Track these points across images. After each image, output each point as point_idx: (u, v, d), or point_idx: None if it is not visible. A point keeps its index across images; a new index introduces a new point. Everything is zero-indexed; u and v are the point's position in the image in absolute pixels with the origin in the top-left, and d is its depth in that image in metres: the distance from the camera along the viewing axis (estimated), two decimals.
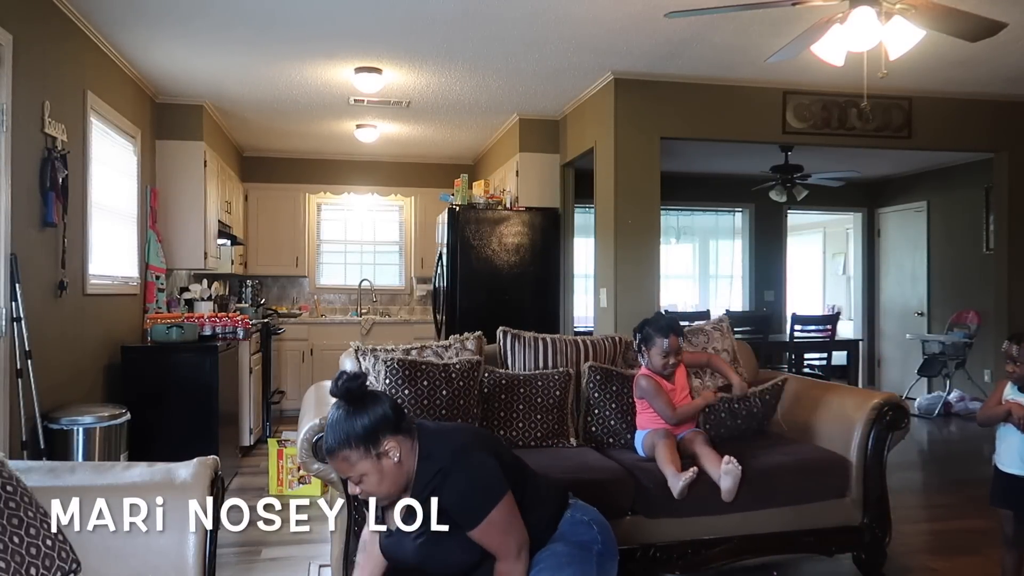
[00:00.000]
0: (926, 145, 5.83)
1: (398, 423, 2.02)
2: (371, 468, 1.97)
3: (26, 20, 3.58)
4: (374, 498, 2.03)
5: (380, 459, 1.98)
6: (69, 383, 4.07)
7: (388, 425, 1.99)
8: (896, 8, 3.09)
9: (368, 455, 1.97)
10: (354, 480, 2.00)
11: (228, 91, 5.72)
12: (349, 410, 1.99)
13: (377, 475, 1.98)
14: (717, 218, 9.96)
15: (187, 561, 1.87)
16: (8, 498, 1.69)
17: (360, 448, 1.96)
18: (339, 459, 1.99)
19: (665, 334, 3.21)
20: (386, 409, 2.01)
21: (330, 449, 2.00)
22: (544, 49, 4.68)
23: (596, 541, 2.21)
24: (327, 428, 2.01)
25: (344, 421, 1.98)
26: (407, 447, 2.02)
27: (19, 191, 3.47)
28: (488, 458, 2.05)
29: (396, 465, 1.99)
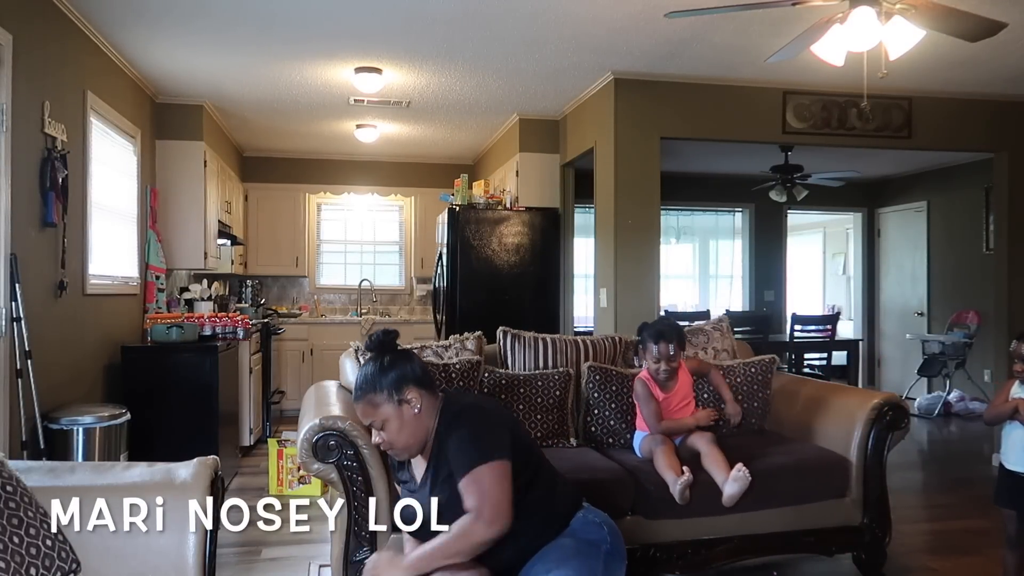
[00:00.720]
0: (926, 145, 5.82)
1: (423, 379, 2.19)
2: (393, 414, 2.12)
3: (26, 20, 3.58)
4: (393, 450, 2.17)
5: (402, 406, 2.13)
6: (69, 383, 4.07)
7: (413, 377, 2.16)
8: (896, 8, 3.09)
9: (391, 400, 2.12)
10: (376, 426, 2.15)
11: (228, 91, 5.72)
12: (380, 360, 2.18)
13: (398, 421, 2.12)
14: (717, 218, 9.96)
15: (187, 561, 1.87)
16: (8, 498, 1.69)
17: (384, 392, 2.13)
18: (364, 402, 2.15)
19: (656, 340, 3.21)
20: (414, 365, 2.20)
21: (357, 393, 2.17)
22: (544, 49, 4.68)
23: (605, 541, 2.22)
24: (358, 376, 2.20)
25: (373, 368, 2.18)
26: (429, 403, 2.16)
27: (19, 191, 3.47)
28: (499, 423, 2.16)
29: (416, 416, 2.13)
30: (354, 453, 2.68)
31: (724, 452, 3.06)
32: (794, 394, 3.68)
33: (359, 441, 2.70)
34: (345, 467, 2.68)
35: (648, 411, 3.20)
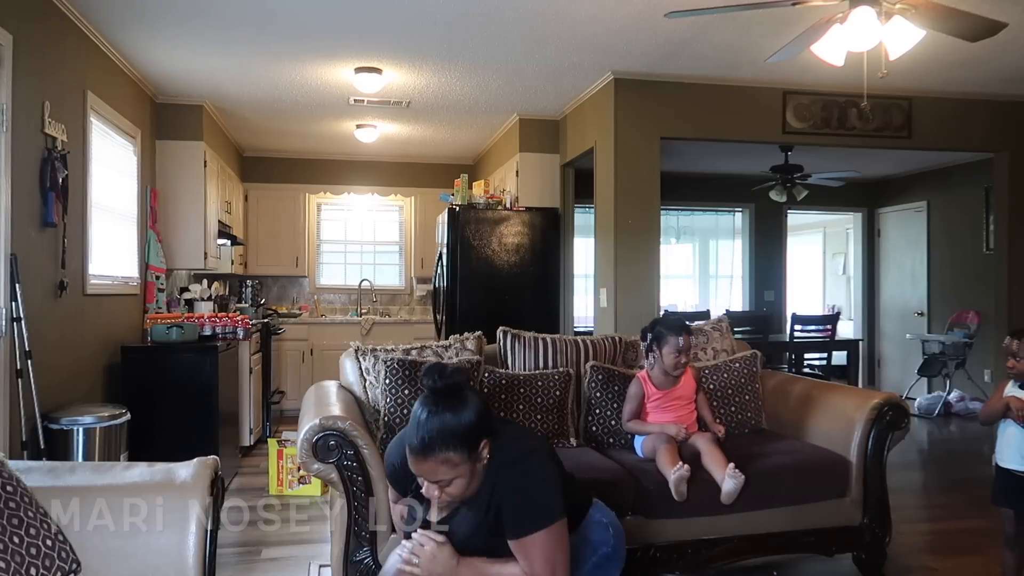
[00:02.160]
0: (926, 145, 5.83)
1: (491, 422, 1.92)
2: (468, 471, 1.85)
3: (26, 20, 3.59)
4: (452, 503, 1.92)
5: (476, 463, 1.88)
6: (69, 383, 4.07)
7: (487, 426, 1.89)
8: (896, 8, 3.09)
9: (469, 458, 1.85)
10: (443, 484, 1.86)
11: (228, 91, 5.72)
12: (452, 408, 1.85)
13: (468, 478, 1.87)
14: (717, 218, 9.96)
15: (187, 561, 1.87)
16: (8, 498, 1.69)
17: (463, 451, 1.83)
18: (437, 460, 1.82)
19: (679, 332, 3.22)
20: (484, 408, 1.90)
21: (427, 446, 1.81)
22: (544, 49, 4.68)
23: (606, 544, 2.20)
24: (419, 425, 1.84)
25: (447, 419, 1.82)
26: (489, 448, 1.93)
27: (19, 191, 3.47)
28: (552, 470, 1.98)
29: (483, 468, 1.90)
30: (354, 453, 2.68)
31: (724, 452, 3.06)
32: (794, 394, 3.68)
33: (359, 441, 2.70)
34: (345, 467, 2.68)
35: (629, 407, 3.29)
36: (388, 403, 3.21)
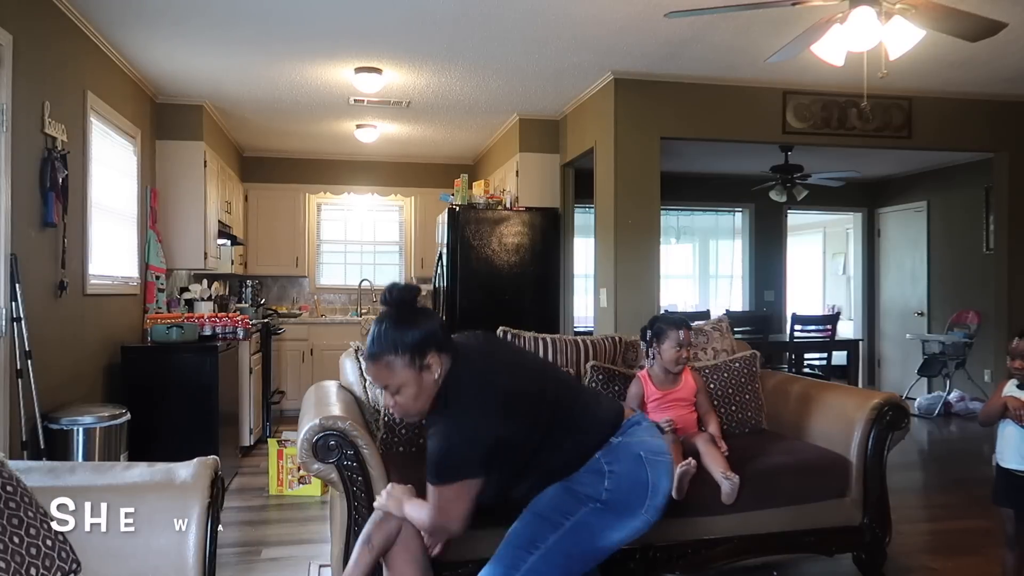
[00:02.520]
0: (926, 145, 5.83)
1: (444, 342, 2.02)
2: (411, 379, 1.98)
3: (26, 20, 3.59)
4: (407, 416, 2.07)
5: (422, 372, 1.98)
6: (69, 383, 4.07)
7: (435, 341, 2.00)
8: (896, 8, 3.09)
9: (412, 366, 1.97)
10: (391, 391, 2.01)
11: (228, 91, 5.72)
12: (400, 319, 2.00)
13: (415, 388, 1.99)
14: (717, 218, 9.97)
15: (187, 561, 1.87)
16: (8, 498, 1.69)
17: (406, 356, 1.96)
18: (381, 365, 1.99)
19: (678, 327, 3.22)
20: (435, 326, 2.03)
21: (373, 354, 1.99)
22: (544, 49, 4.68)
23: (596, 497, 2.04)
24: (372, 331, 2.01)
25: (393, 329, 1.98)
26: (446, 366, 2.02)
27: (19, 191, 3.47)
28: (485, 434, 1.95)
29: (434, 383, 2.00)
30: (354, 453, 2.68)
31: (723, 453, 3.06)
32: (793, 394, 3.68)
33: (359, 441, 2.70)
34: (345, 467, 2.68)
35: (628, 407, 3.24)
36: None
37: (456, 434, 1.95)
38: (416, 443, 3.20)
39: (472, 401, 1.99)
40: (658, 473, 2.09)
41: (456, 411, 1.98)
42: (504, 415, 1.99)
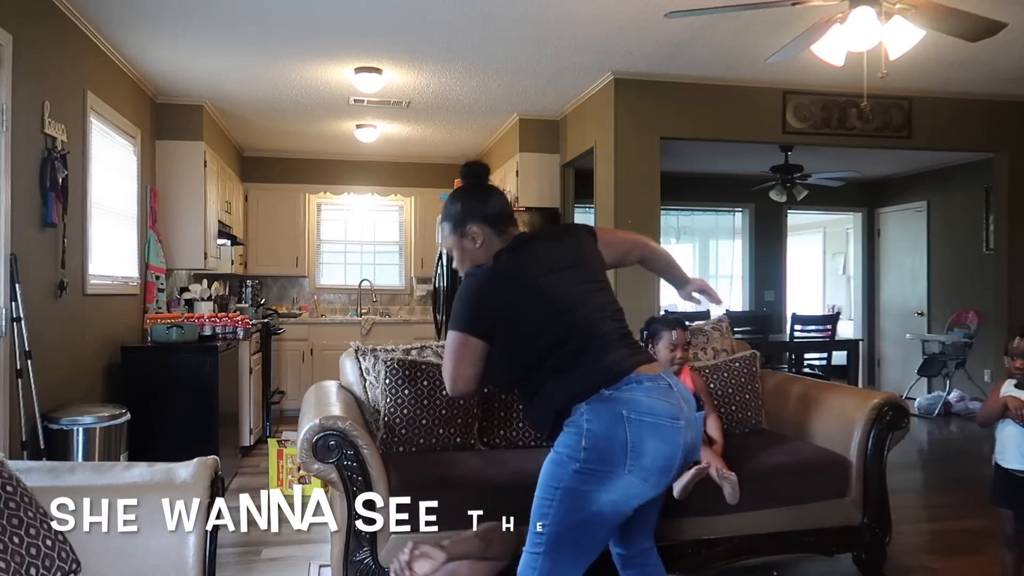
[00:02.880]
0: (926, 145, 5.83)
1: (494, 218, 2.23)
2: (455, 244, 2.25)
3: (26, 20, 3.59)
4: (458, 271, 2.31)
5: (463, 239, 2.23)
6: (69, 383, 4.07)
7: (481, 215, 2.21)
8: (896, 8, 3.09)
9: (455, 231, 2.24)
10: (447, 252, 2.35)
11: (228, 91, 5.72)
12: (456, 194, 2.29)
13: (459, 252, 2.25)
14: (717, 218, 9.97)
15: (187, 561, 1.87)
16: (8, 498, 1.69)
17: (449, 224, 2.25)
18: (439, 227, 2.37)
19: (672, 327, 3.23)
20: (488, 204, 2.25)
21: (438, 220, 2.39)
22: (544, 49, 4.68)
23: (576, 458, 1.96)
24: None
25: (448, 201, 2.29)
26: (492, 243, 2.20)
27: (19, 191, 3.47)
28: (480, 298, 2.10)
29: (476, 250, 2.21)
30: (354, 453, 2.68)
31: (721, 455, 3.06)
32: (793, 394, 3.68)
33: (359, 441, 2.70)
34: (345, 467, 2.68)
35: None
36: (388, 403, 3.21)
37: (463, 291, 2.17)
38: (416, 443, 3.20)
39: (484, 268, 2.16)
40: (641, 433, 1.95)
41: (473, 277, 2.17)
42: (497, 289, 2.09)
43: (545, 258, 2.15)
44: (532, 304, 2.08)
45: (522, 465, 3.05)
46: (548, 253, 2.17)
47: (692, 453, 2.06)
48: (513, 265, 2.12)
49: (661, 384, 2.02)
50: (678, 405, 2.00)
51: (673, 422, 1.98)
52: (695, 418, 2.06)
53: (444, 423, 3.23)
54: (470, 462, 3.06)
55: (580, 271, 2.16)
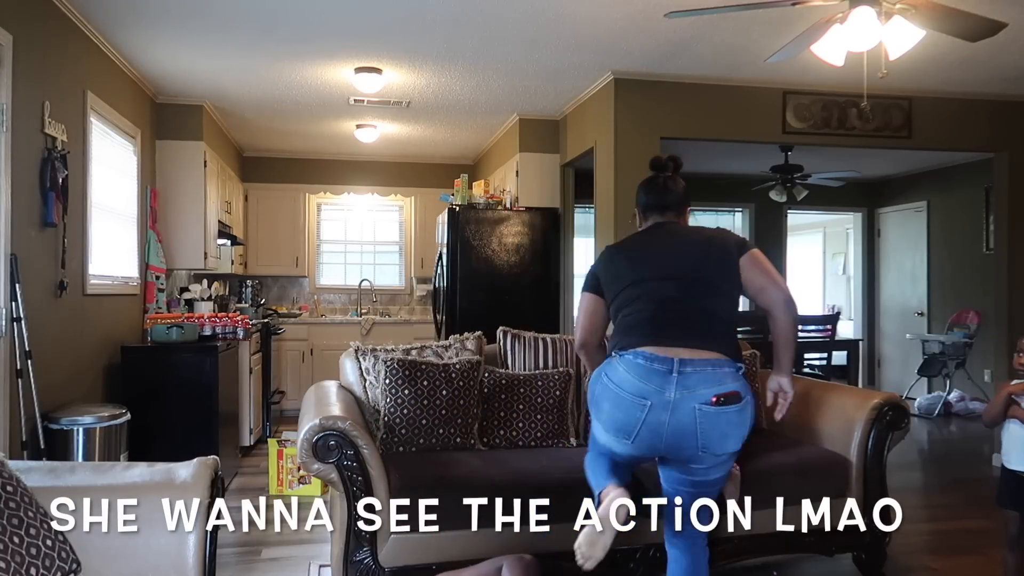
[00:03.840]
0: (926, 145, 5.83)
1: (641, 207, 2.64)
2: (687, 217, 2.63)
3: (26, 20, 3.58)
4: None
5: (634, 219, 2.65)
6: (69, 383, 4.07)
7: (639, 202, 2.65)
8: (896, 8, 3.09)
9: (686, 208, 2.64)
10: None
11: (228, 91, 5.72)
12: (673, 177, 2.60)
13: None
14: (717, 218, 9.96)
15: (187, 561, 1.87)
16: (8, 498, 1.69)
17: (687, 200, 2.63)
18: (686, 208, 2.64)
19: None
20: (643, 194, 2.65)
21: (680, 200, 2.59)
22: (544, 49, 4.68)
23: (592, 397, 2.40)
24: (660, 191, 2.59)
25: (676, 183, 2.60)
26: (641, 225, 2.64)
27: (19, 191, 3.47)
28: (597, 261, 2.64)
29: (637, 229, 2.63)
30: (354, 453, 2.68)
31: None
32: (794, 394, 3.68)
33: (359, 441, 2.70)
34: (345, 467, 2.68)
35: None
36: (388, 403, 3.21)
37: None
38: (416, 443, 3.21)
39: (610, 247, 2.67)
40: (604, 395, 2.32)
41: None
42: (602, 259, 2.60)
43: (648, 246, 2.52)
44: (615, 276, 2.47)
45: (522, 465, 3.06)
46: (655, 244, 2.51)
47: (673, 436, 2.23)
48: (620, 244, 2.63)
49: (647, 366, 2.24)
50: (655, 387, 2.21)
51: (636, 399, 2.23)
52: (687, 407, 2.21)
53: (444, 423, 3.23)
54: (470, 462, 3.06)
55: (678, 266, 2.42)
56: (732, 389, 2.22)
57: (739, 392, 2.24)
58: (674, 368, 2.20)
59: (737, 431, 2.26)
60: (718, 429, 2.22)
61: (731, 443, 2.27)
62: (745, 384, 2.27)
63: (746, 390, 2.26)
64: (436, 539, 2.79)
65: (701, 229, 2.57)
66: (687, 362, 2.21)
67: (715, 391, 2.19)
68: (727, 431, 2.24)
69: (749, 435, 2.31)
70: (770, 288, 2.37)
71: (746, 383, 2.28)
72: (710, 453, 2.25)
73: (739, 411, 2.23)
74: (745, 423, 2.27)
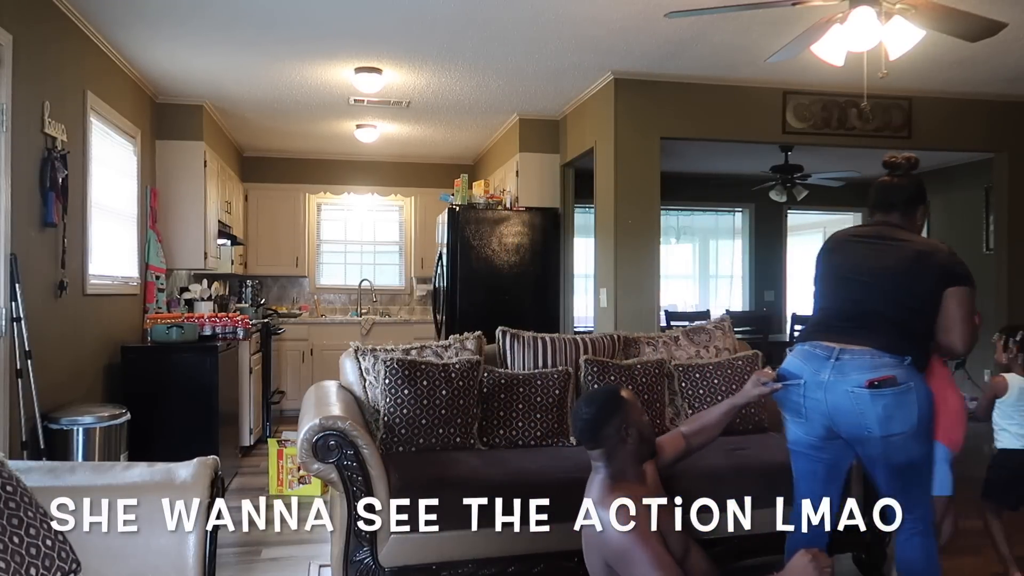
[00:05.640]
0: (926, 145, 5.82)
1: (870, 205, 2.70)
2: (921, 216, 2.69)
3: (26, 20, 3.59)
4: None
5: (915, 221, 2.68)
6: (69, 383, 4.07)
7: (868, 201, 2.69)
8: (896, 8, 3.09)
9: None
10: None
11: (228, 91, 5.72)
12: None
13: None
14: (717, 218, 9.96)
15: (187, 561, 1.87)
16: (8, 498, 1.69)
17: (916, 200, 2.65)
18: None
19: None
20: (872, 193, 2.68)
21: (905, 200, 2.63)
22: (544, 49, 4.68)
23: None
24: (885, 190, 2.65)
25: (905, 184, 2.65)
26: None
27: (19, 191, 3.47)
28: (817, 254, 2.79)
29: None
30: (354, 453, 2.68)
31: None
32: None
33: (359, 441, 2.70)
34: (345, 467, 2.68)
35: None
36: (388, 403, 3.21)
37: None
38: (416, 443, 3.21)
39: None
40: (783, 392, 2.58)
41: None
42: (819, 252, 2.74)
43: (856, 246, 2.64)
44: (820, 270, 2.69)
45: (522, 465, 3.06)
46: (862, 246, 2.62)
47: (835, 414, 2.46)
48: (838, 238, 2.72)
49: (811, 351, 2.51)
50: (812, 369, 2.48)
51: (792, 378, 2.53)
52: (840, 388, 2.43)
53: (444, 423, 3.23)
54: (470, 462, 3.06)
55: (871, 270, 2.54)
56: (887, 374, 2.38)
57: (895, 377, 2.38)
58: (832, 355, 2.45)
59: (899, 412, 2.38)
60: (876, 412, 2.38)
61: (896, 424, 2.39)
62: (909, 372, 2.40)
63: (907, 377, 2.39)
64: (436, 539, 2.79)
65: (914, 242, 2.61)
66: (846, 351, 2.44)
67: (869, 376, 2.38)
68: (890, 413, 2.38)
69: (927, 420, 2.43)
70: (955, 336, 2.51)
71: (911, 372, 2.40)
72: (877, 435, 2.41)
73: (897, 394, 2.38)
74: (907, 405, 2.39)
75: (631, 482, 2.21)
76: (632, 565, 2.01)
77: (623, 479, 2.21)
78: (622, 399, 2.26)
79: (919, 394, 2.40)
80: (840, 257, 2.65)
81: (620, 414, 2.22)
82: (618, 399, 2.26)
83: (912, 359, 2.42)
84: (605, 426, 2.22)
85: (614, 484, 2.18)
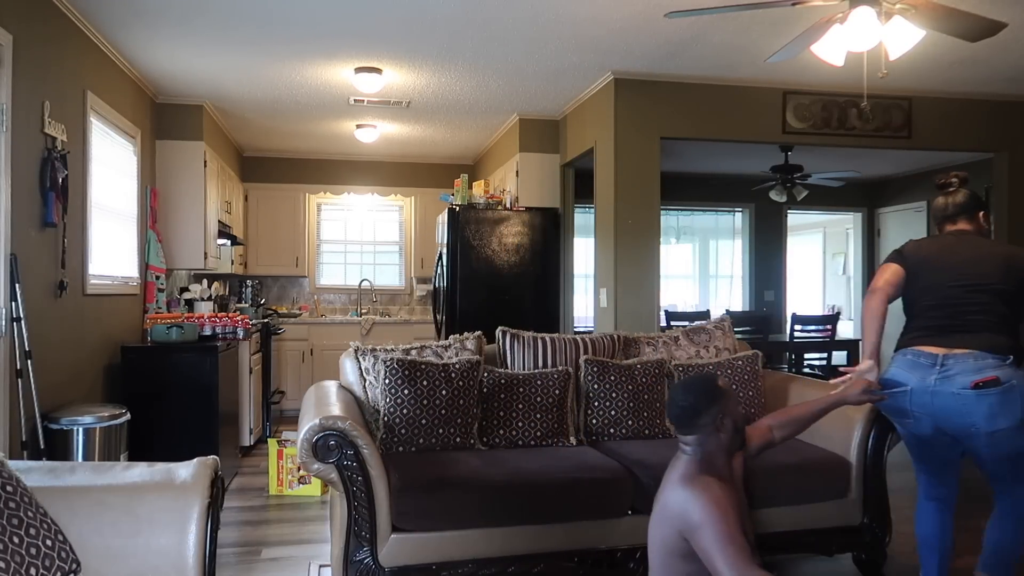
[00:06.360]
0: (926, 145, 5.83)
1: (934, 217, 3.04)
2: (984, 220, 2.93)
3: (26, 20, 3.59)
4: None
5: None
6: (69, 383, 4.07)
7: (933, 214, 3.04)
8: (896, 8, 3.09)
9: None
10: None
11: (228, 91, 5.72)
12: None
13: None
14: (717, 218, 9.96)
15: (187, 561, 1.87)
16: (8, 498, 1.69)
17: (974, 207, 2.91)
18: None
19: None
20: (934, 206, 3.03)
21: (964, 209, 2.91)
22: (544, 49, 4.68)
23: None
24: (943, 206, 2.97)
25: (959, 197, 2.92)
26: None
27: (19, 191, 3.48)
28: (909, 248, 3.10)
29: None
30: (354, 453, 2.68)
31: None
32: (793, 394, 3.69)
33: (359, 441, 2.70)
34: (345, 467, 2.68)
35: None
36: (388, 403, 3.21)
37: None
38: (416, 443, 3.21)
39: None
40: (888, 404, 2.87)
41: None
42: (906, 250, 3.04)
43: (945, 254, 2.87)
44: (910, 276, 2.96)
45: (522, 465, 3.06)
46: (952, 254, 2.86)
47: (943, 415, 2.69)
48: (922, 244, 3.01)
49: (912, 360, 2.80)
50: (917, 377, 2.74)
51: (897, 386, 2.79)
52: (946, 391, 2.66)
53: (444, 423, 3.23)
54: (470, 462, 3.06)
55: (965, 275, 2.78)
56: (991, 375, 2.59)
57: (998, 377, 2.59)
58: (937, 362, 2.70)
59: (1004, 409, 2.59)
60: (981, 410, 2.60)
61: (1002, 420, 2.59)
62: (1011, 371, 2.60)
63: (1010, 376, 2.60)
64: (436, 539, 2.80)
65: (996, 245, 2.89)
66: (949, 356, 2.68)
67: (973, 378, 2.59)
68: (994, 411, 2.59)
69: None
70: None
71: (1013, 370, 2.61)
72: (982, 431, 2.61)
73: (1001, 393, 2.58)
74: (1012, 402, 2.59)
75: (719, 472, 2.22)
76: (708, 539, 2.04)
77: (712, 467, 2.21)
78: (720, 389, 2.25)
79: (1022, 390, 2.60)
80: (931, 263, 2.87)
81: (718, 404, 2.22)
82: (717, 389, 2.24)
83: (1014, 358, 2.59)
84: (703, 415, 2.22)
85: (701, 468, 2.19)
